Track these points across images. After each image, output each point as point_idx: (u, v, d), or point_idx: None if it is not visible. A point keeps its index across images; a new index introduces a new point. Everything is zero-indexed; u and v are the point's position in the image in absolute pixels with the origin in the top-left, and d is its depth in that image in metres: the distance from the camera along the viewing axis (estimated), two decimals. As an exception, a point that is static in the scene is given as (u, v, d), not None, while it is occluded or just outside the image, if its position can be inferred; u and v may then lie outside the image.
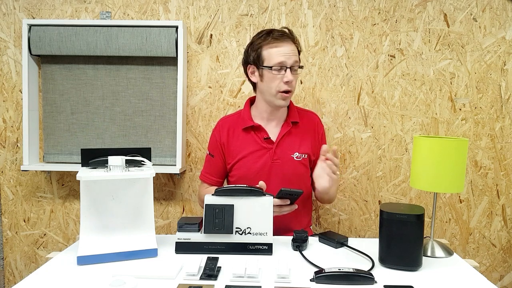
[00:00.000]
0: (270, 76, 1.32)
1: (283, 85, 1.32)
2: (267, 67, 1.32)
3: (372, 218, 1.85)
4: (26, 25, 1.69)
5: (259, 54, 1.34)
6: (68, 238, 1.87)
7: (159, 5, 1.76)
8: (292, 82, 1.32)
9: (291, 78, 1.30)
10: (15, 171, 1.85)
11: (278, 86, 1.32)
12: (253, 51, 1.35)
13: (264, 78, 1.35)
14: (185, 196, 1.85)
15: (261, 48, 1.33)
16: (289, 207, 1.22)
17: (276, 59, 1.30)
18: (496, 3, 1.73)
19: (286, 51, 1.31)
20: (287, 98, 1.35)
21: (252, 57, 1.36)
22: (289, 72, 1.31)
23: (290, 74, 1.31)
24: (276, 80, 1.32)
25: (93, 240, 1.04)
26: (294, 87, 1.35)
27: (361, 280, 0.92)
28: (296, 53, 1.34)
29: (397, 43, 1.76)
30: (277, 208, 1.20)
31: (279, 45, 1.31)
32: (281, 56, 1.30)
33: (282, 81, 1.31)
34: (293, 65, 1.32)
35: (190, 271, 0.94)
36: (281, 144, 1.40)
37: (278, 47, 1.31)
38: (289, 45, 1.32)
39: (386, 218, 1.02)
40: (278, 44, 1.31)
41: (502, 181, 1.81)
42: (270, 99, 1.36)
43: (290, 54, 1.31)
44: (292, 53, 1.31)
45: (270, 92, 1.34)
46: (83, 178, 1.00)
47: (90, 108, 1.79)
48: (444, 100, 1.78)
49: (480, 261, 1.85)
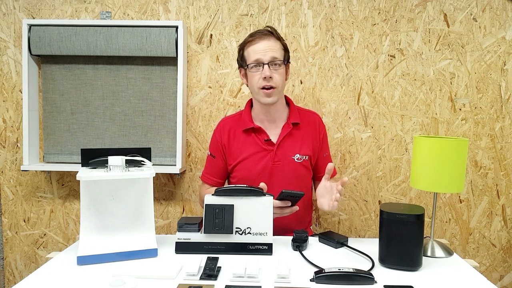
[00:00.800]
0: (250, 74, 1.35)
1: (262, 81, 1.32)
2: (247, 66, 1.35)
3: (372, 218, 1.85)
4: (26, 25, 1.69)
5: (242, 56, 1.38)
6: (68, 238, 1.87)
7: (159, 5, 1.76)
8: (273, 78, 1.31)
9: (267, 73, 1.30)
10: (15, 171, 1.85)
11: (258, 83, 1.33)
12: (239, 55, 1.40)
13: (247, 78, 1.38)
14: (185, 196, 1.85)
15: (243, 50, 1.37)
16: (290, 209, 1.22)
17: (252, 57, 1.33)
18: (496, 3, 1.73)
19: (261, 47, 1.32)
20: (271, 95, 1.34)
21: (239, 61, 1.40)
22: (267, 68, 1.30)
23: (267, 69, 1.30)
24: (255, 77, 1.33)
25: (93, 240, 1.04)
26: (277, 83, 1.33)
27: (361, 280, 0.92)
28: (274, 49, 1.32)
29: (397, 43, 1.76)
30: (278, 210, 1.20)
31: (255, 43, 1.33)
32: (257, 53, 1.32)
33: (261, 77, 1.32)
34: (270, 60, 1.31)
35: (190, 271, 0.95)
36: (282, 145, 1.40)
37: (254, 44, 1.33)
38: (266, 41, 1.32)
39: (386, 218, 1.02)
40: (254, 42, 1.33)
41: (502, 181, 1.81)
42: (256, 97, 1.37)
43: (266, 50, 1.31)
44: (268, 49, 1.31)
45: (253, 90, 1.36)
46: (83, 178, 1.00)
47: (90, 108, 1.79)
48: (444, 100, 1.78)
49: (480, 261, 1.85)
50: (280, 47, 1.35)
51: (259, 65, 1.32)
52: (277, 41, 1.35)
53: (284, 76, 1.37)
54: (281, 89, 1.37)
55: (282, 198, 1.19)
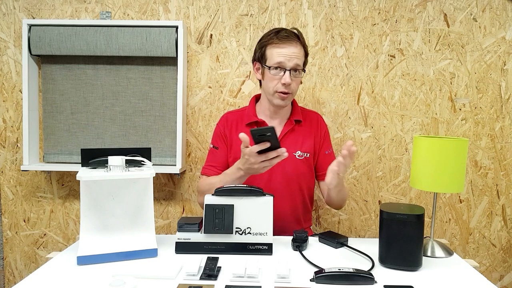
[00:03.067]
0: (269, 75, 1.33)
1: (280, 86, 1.31)
2: (267, 66, 1.33)
3: (372, 218, 1.85)
4: (26, 25, 1.69)
5: (263, 53, 1.35)
6: (68, 238, 1.87)
7: (159, 5, 1.76)
8: (290, 85, 1.31)
9: (288, 80, 1.29)
10: (15, 171, 1.85)
11: (276, 86, 1.32)
12: (259, 49, 1.37)
13: (265, 76, 1.37)
14: (185, 196, 1.85)
15: (266, 47, 1.34)
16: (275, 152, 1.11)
17: (276, 59, 1.30)
18: (496, 3, 1.73)
19: (287, 52, 1.30)
20: (286, 99, 1.34)
21: (257, 55, 1.38)
22: (288, 74, 1.29)
23: (288, 76, 1.29)
24: (274, 80, 1.32)
25: (93, 240, 1.04)
26: (293, 90, 1.34)
27: (361, 280, 0.92)
28: (299, 56, 1.31)
29: (397, 43, 1.76)
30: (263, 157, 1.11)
31: (282, 46, 1.30)
32: (281, 57, 1.30)
33: (280, 82, 1.31)
34: (293, 67, 1.30)
35: (190, 271, 0.94)
36: (284, 142, 1.40)
37: (281, 48, 1.30)
38: (293, 47, 1.30)
39: (386, 218, 1.02)
40: (281, 45, 1.30)
41: (502, 181, 1.81)
42: (270, 97, 1.37)
43: (291, 56, 1.30)
44: (294, 56, 1.30)
45: (268, 91, 1.35)
46: (83, 178, 1.00)
47: (90, 108, 1.79)
48: (444, 100, 1.78)
49: (480, 261, 1.85)
50: (303, 54, 1.34)
51: (281, 69, 1.30)
52: (302, 47, 1.34)
53: (299, 82, 1.38)
54: (295, 95, 1.39)
55: (257, 141, 1.08)
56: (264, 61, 1.35)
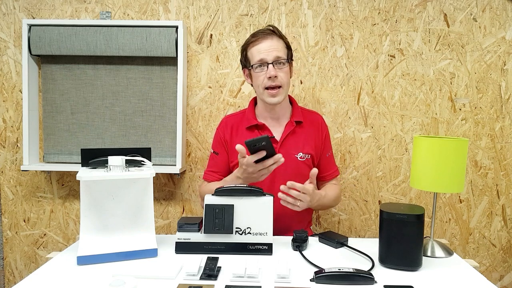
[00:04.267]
0: (255, 74, 1.35)
1: (267, 81, 1.33)
2: (251, 66, 1.35)
3: (372, 218, 1.85)
4: (26, 25, 1.69)
5: (245, 57, 1.39)
6: (68, 238, 1.87)
7: (159, 5, 1.76)
8: (278, 77, 1.32)
9: (272, 73, 1.31)
10: (15, 171, 1.85)
11: (263, 83, 1.34)
12: (242, 55, 1.41)
13: (252, 78, 1.38)
14: (185, 196, 1.85)
15: (246, 50, 1.38)
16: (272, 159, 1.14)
17: (256, 57, 1.33)
18: (496, 3, 1.73)
19: (264, 47, 1.32)
20: (277, 95, 1.34)
21: (242, 61, 1.42)
22: (271, 67, 1.31)
23: (272, 69, 1.31)
24: (260, 77, 1.34)
25: (93, 240, 1.04)
26: (283, 82, 1.34)
27: (361, 280, 0.92)
28: (278, 48, 1.33)
29: (397, 43, 1.76)
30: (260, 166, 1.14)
31: (258, 43, 1.34)
32: (260, 53, 1.33)
33: (266, 77, 1.32)
34: (274, 60, 1.32)
35: (190, 271, 0.95)
36: (285, 143, 1.40)
37: (257, 45, 1.34)
38: (269, 41, 1.33)
39: (386, 218, 1.02)
40: (257, 42, 1.34)
41: (502, 181, 1.81)
42: (261, 97, 1.38)
43: (269, 50, 1.32)
44: (272, 48, 1.32)
45: (259, 90, 1.37)
46: (83, 178, 1.00)
47: (90, 108, 1.79)
48: (444, 100, 1.78)
49: (480, 261, 1.85)
50: (283, 46, 1.36)
51: (263, 65, 1.33)
52: (280, 39, 1.36)
53: (288, 74, 1.38)
54: (287, 88, 1.38)
55: (252, 151, 1.11)
56: (248, 63, 1.38)
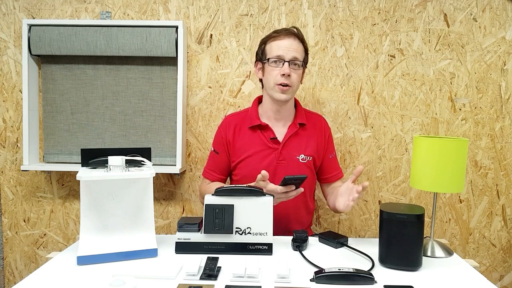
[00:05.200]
0: (269, 68, 1.36)
1: (280, 77, 1.33)
2: (267, 60, 1.36)
3: (372, 218, 1.85)
4: (26, 25, 1.69)
5: (263, 50, 1.39)
6: (68, 238, 1.87)
7: (159, 5, 1.76)
8: (290, 77, 1.33)
9: (287, 71, 1.31)
10: (15, 171, 1.85)
11: (275, 78, 1.34)
12: (259, 48, 1.41)
13: (265, 72, 1.38)
14: (185, 196, 1.85)
15: (265, 43, 1.39)
16: (295, 191, 1.20)
17: (275, 52, 1.34)
18: (496, 3, 1.73)
19: (285, 45, 1.33)
20: (286, 92, 1.35)
21: (258, 54, 1.42)
22: (287, 65, 1.32)
23: (287, 67, 1.32)
24: (274, 72, 1.34)
25: (93, 240, 1.04)
26: (294, 83, 1.35)
27: (361, 280, 0.92)
28: (298, 50, 1.34)
29: (397, 43, 1.76)
30: (283, 194, 1.18)
31: (280, 39, 1.34)
32: (280, 49, 1.33)
33: (279, 73, 1.33)
34: (291, 60, 1.33)
35: (190, 271, 0.95)
36: (288, 145, 1.40)
37: (278, 40, 1.34)
38: (291, 40, 1.34)
39: (386, 218, 1.02)
40: (279, 38, 1.35)
41: (502, 181, 1.81)
42: (270, 92, 1.38)
43: (289, 49, 1.33)
44: (292, 49, 1.33)
45: (269, 85, 1.37)
46: (83, 178, 1.00)
47: (90, 108, 1.79)
48: (444, 100, 1.78)
49: (480, 261, 1.85)
50: (302, 49, 1.37)
51: (280, 61, 1.33)
52: (301, 43, 1.37)
53: (300, 77, 1.39)
54: (295, 89, 1.39)
55: (286, 184, 1.17)
56: (264, 57, 1.38)
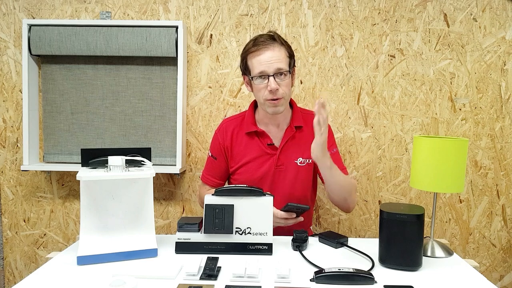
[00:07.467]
0: (256, 86, 1.31)
1: (268, 93, 1.28)
2: (252, 78, 1.31)
3: (372, 218, 1.85)
4: (26, 25, 1.69)
5: (246, 65, 1.33)
6: (68, 238, 1.87)
7: (159, 5, 1.76)
8: (278, 90, 1.27)
9: (273, 86, 1.25)
10: (15, 171, 1.85)
11: (264, 95, 1.29)
12: (242, 62, 1.35)
13: (253, 88, 1.34)
14: (185, 196, 1.85)
15: (246, 58, 1.32)
16: (294, 219, 1.24)
17: (257, 69, 1.28)
18: (496, 3, 1.73)
19: (266, 59, 1.26)
20: (278, 105, 1.30)
21: (242, 68, 1.36)
22: (272, 80, 1.26)
23: (273, 82, 1.25)
24: (261, 89, 1.29)
25: (93, 240, 1.04)
26: (283, 94, 1.29)
27: (361, 280, 0.92)
28: (280, 59, 1.27)
29: (397, 43, 1.76)
30: (283, 220, 1.23)
31: (259, 53, 1.27)
32: (261, 65, 1.26)
33: (267, 89, 1.28)
34: (276, 72, 1.26)
35: (190, 271, 0.94)
36: (285, 149, 1.38)
37: (258, 55, 1.27)
38: (270, 51, 1.27)
39: (386, 218, 1.02)
40: (259, 52, 1.27)
41: (502, 181, 1.81)
42: (262, 107, 1.34)
43: (270, 62, 1.26)
44: (273, 60, 1.26)
45: (259, 100, 1.33)
46: (83, 178, 1.00)
47: (90, 108, 1.79)
48: (444, 100, 1.78)
49: (480, 261, 1.85)
50: (285, 55, 1.30)
51: (264, 77, 1.27)
52: (281, 47, 1.29)
53: (290, 85, 1.33)
54: (288, 98, 1.34)
55: (287, 210, 1.21)
56: (248, 72, 1.33)
